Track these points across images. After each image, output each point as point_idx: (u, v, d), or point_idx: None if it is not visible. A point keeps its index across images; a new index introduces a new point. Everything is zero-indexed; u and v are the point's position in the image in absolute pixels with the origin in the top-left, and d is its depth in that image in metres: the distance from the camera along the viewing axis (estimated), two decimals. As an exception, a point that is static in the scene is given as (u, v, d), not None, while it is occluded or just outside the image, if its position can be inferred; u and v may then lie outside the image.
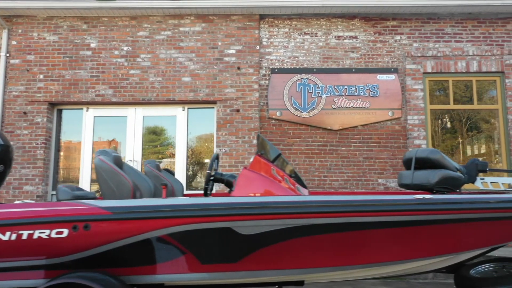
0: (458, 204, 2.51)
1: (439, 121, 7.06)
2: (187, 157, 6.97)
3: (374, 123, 6.86)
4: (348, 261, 2.81)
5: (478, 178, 3.79)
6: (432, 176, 3.22)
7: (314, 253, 2.63)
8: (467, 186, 4.88)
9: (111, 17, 7.09)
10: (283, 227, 2.46)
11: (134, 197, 2.76)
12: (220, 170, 6.49)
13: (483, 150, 6.98)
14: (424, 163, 3.39)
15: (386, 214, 2.45)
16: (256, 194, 2.60)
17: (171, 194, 3.56)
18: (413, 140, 6.74)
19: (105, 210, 2.45)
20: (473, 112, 6.99)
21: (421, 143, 6.74)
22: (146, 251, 2.52)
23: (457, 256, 3.19)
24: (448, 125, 7.07)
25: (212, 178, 3.05)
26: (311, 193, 3.21)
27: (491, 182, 3.75)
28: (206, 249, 2.52)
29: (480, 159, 6.86)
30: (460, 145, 7.01)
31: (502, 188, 3.70)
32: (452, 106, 6.95)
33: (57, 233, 2.42)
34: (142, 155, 6.99)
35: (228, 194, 3.11)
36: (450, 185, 3.24)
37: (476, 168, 3.78)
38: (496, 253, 5.07)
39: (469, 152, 7.00)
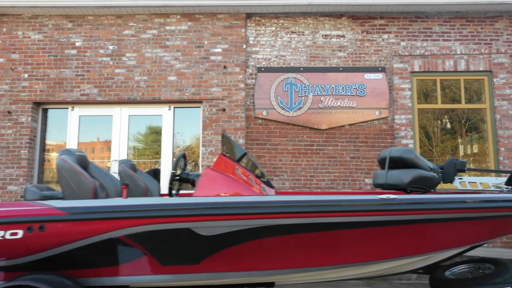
0: (422, 204, 2.45)
1: (428, 121, 7.01)
2: (174, 157, 6.91)
3: (361, 122, 6.80)
4: (319, 262, 2.76)
5: (456, 178, 3.73)
6: (405, 175, 3.17)
7: (281, 254, 2.58)
8: (447, 186, 4.83)
9: (97, 15, 7.03)
10: (245, 227, 2.41)
11: (95, 197, 2.70)
12: (188, 170, 6.42)
13: (471, 150, 6.92)
14: (398, 163, 3.34)
15: (349, 215, 2.40)
16: (222, 194, 2.55)
17: (144, 195, 3.51)
18: (400, 140, 6.69)
19: (61, 211, 2.39)
20: (461, 111, 6.94)
21: (409, 142, 6.69)
22: (104, 253, 2.46)
23: (432, 257, 3.14)
24: (437, 124, 7.01)
25: (177, 177, 2.99)
26: (278, 193, 3.16)
27: (469, 182, 3.70)
28: (165, 250, 2.47)
29: (471, 159, 6.82)
30: (449, 145, 6.95)
31: (480, 188, 3.65)
32: (440, 105, 6.89)
33: (12, 234, 2.36)
34: (128, 155, 6.94)
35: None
36: (424, 185, 3.19)
37: (455, 168, 3.72)
38: (478, 253, 5.02)
39: (457, 152, 6.95)
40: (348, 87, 6.84)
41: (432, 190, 3.32)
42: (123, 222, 2.37)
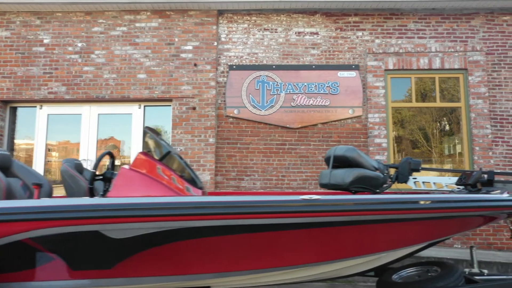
0: (344, 206, 2.32)
1: (401, 119, 6.89)
2: (143, 156, 6.76)
3: (334, 121, 6.68)
4: (250, 265, 2.63)
5: (411, 177, 3.61)
6: (347, 175, 3.05)
7: (202, 257, 2.45)
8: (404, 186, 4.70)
9: (65, 12, 6.89)
10: (159, 230, 2.28)
11: (8, 197, 2.57)
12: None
13: (446, 149, 6.80)
14: (342, 162, 3.22)
15: (267, 216, 2.27)
16: (136, 195, 2.42)
17: (83, 195, 3.37)
18: (374, 139, 6.57)
19: None
20: (436, 110, 6.82)
21: (382, 141, 6.56)
22: (12, 257, 2.33)
23: (377, 259, 3.02)
24: (410, 123, 6.89)
25: (101, 177, 2.86)
26: (209, 194, 3.04)
27: (423, 182, 3.58)
28: (76, 254, 2.34)
29: (446, 159, 6.69)
30: (424, 144, 6.83)
31: (433, 188, 3.52)
32: (414, 103, 6.77)
33: None
34: (97, 154, 6.80)
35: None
36: (367, 184, 3.07)
37: (409, 167, 3.60)
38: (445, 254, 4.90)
39: (433, 151, 6.82)
40: (321, 85, 6.71)
41: (377, 190, 3.20)
42: (28, 224, 2.24)
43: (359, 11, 6.90)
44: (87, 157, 6.76)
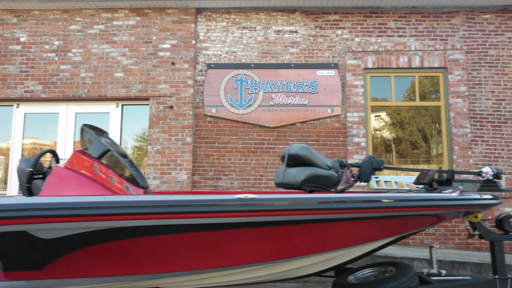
0: (282, 205, 2.26)
1: (381, 119, 6.83)
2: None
3: (313, 120, 6.62)
4: (198, 265, 2.58)
5: (372, 176, 3.56)
6: (299, 174, 2.99)
7: (138, 258, 2.39)
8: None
9: (42, 10, 6.83)
10: (92, 229, 2.22)
11: None
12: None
13: (424, 148, 6.75)
14: (297, 161, 3.16)
15: (204, 216, 2.22)
16: (83, 194, 2.36)
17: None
18: (352, 138, 6.51)
19: None
20: (416, 109, 6.76)
21: (360, 141, 6.51)
22: None
23: (331, 259, 2.97)
24: (390, 122, 6.84)
25: (41, 176, 2.80)
26: (154, 193, 2.98)
27: (385, 181, 3.52)
28: (5, 255, 2.28)
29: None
30: (403, 144, 6.78)
31: (395, 187, 3.47)
32: (393, 102, 6.71)
33: None
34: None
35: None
36: (320, 183, 3.01)
37: (371, 166, 3.55)
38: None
39: (413, 151, 6.77)
40: (300, 84, 6.66)
41: (332, 190, 3.14)
42: None
43: (339, 9, 6.85)
44: (64, 156, 6.70)
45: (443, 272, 3.11)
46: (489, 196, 2.90)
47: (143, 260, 2.50)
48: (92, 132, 2.65)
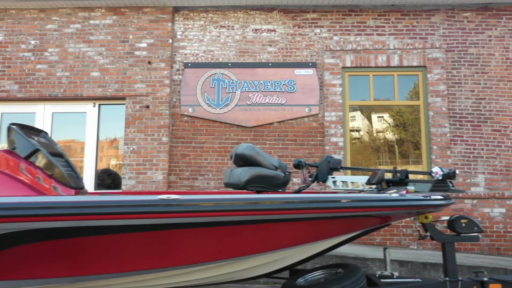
0: (206, 206, 2.20)
1: (360, 118, 6.76)
2: (97, 155, 6.67)
3: (290, 120, 6.56)
4: (129, 267, 2.52)
5: (329, 177, 3.49)
6: (243, 174, 2.94)
7: (76, 259, 2.34)
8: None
9: (19, 9, 6.80)
10: (14, 230, 2.17)
11: None
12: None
13: (404, 148, 6.67)
14: (243, 160, 3.10)
15: (126, 217, 2.16)
16: (5, 194, 2.31)
17: None
18: (330, 138, 6.44)
19: None
20: (395, 108, 6.69)
21: (338, 140, 6.44)
22: None
23: (278, 260, 2.91)
24: (369, 121, 6.76)
25: None
26: (89, 193, 2.93)
27: (341, 181, 3.45)
28: None
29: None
30: (383, 144, 6.70)
31: (350, 187, 3.40)
32: (372, 102, 6.64)
33: None
34: (50, 153, 6.69)
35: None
36: (265, 184, 2.95)
37: (328, 166, 3.48)
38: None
39: (391, 151, 6.69)
40: (277, 83, 6.60)
41: (279, 190, 3.08)
42: None
43: (318, 7, 6.78)
44: (41, 156, 6.64)
45: (396, 274, 3.04)
46: (439, 197, 2.83)
47: (79, 261, 2.44)
48: (20, 131, 2.59)
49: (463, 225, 2.95)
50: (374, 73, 6.64)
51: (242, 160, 3.12)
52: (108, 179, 6.65)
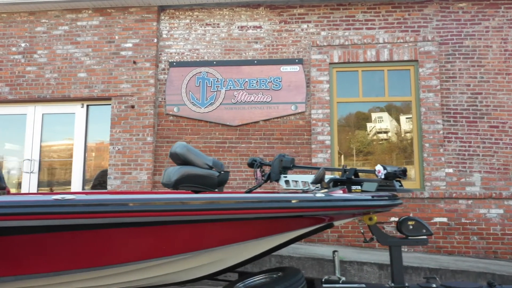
0: (106, 206, 2.10)
1: (347, 115, 6.52)
2: (85, 156, 6.71)
3: (276, 118, 6.40)
4: (44, 268, 2.45)
5: (282, 176, 3.34)
6: (173, 173, 2.82)
7: None
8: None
9: (10, 13, 6.92)
10: None
11: None
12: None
13: (394, 146, 6.39)
14: (177, 160, 2.99)
15: (22, 218, 2.08)
16: None
17: None
18: (317, 136, 6.25)
19: None
20: (385, 104, 6.42)
21: (325, 139, 6.24)
22: None
23: (216, 262, 2.79)
24: (357, 119, 6.52)
25: None
26: (12, 194, 2.88)
27: (292, 180, 3.30)
28: None
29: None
30: (371, 141, 6.45)
31: (300, 186, 3.24)
32: (361, 98, 6.40)
33: None
34: (41, 154, 6.79)
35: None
36: (197, 183, 2.83)
37: (280, 165, 3.33)
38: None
39: (380, 149, 6.43)
40: (263, 81, 6.45)
41: (216, 190, 2.95)
42: None
43: (305, 2, 6.59)
44: (31, 157, 6.76)
45: (342, 278, 2.86)
46: (384, 197, 2.64)
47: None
48: None
49: (410, 227, 2.74)
50: (363, 68, 6.40)
51: (176, 159, 3.02)
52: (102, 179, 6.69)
